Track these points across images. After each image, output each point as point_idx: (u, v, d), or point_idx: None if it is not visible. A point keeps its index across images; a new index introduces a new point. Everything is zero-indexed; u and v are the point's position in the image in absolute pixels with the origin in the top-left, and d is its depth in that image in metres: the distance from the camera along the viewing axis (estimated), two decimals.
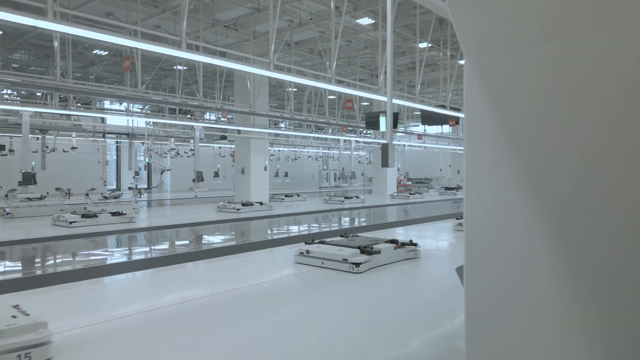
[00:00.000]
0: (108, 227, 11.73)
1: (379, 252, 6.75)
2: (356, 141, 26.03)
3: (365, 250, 6.80)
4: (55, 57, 10.69)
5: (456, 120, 15.69)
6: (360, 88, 11.34)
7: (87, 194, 14.73)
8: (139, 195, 16.43)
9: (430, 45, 17.50)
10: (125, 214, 12.79)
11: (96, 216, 12.27)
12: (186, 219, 14.17)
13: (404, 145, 29.44)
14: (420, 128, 32.83)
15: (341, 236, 8.35)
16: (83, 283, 6.12)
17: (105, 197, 17.56)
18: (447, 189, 29.13)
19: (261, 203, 16.76)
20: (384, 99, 12.06)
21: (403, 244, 7.46)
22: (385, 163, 5.56)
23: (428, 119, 16.14)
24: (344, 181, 24.49)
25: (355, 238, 7.96)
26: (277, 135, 27.61)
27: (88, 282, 6.21)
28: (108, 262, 7.86)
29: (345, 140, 25.03)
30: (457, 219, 11.61)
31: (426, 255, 7.80)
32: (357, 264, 6.45)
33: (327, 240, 7.64)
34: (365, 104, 27.67)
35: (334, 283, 6.04)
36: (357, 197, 20.73)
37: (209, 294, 5.49)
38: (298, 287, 5.95)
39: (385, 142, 5.26)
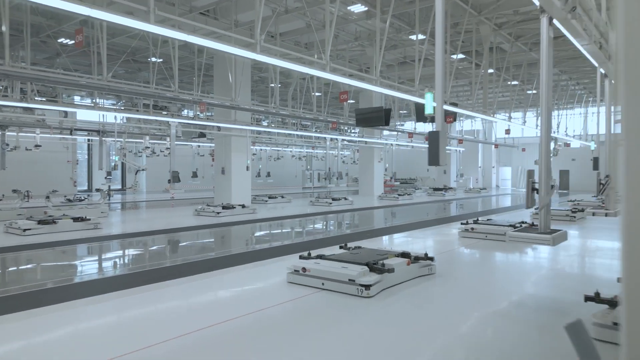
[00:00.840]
0: (69, 235, 10.24)
1: (391, 269, 5.52)
2: (343, 140, 24.85)
3: (375, 267, 5.56)
4: (3, 39, 9.19)
5: (454, 117, 14.58)
6: (358, 78, 10.14)
7: (47, 197, 13.14)
8: (107, 198, 14.90)
9: (428, 38, 16.43)
10: (89, 219, 11.29)
11: (55, 222, 10.75)
12: (159, 224, 12.72)
13: (392, 144, 28.38)
14: (407, 126, 31.89)
15: (341, 247, 7.10)
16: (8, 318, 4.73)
17: (70, 200, 15.94)
18: (435, 189, 28.17)
19: (243, 206, 15.40)
20: (388, 91, 10.87)
21: (417, 258, 6.25)
22: (434, 159, 4.18)
23: (423, 115, 14.98)
24: (329, 181, 23.26)
25: (359, 250, 6.71)
26: (259, 133, 26.22)
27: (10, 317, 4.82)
28: (45, 285, 6.42)
29: (331, 139, 23.82)
30: (462, 223, 10.48)
31: (442, 270, 6.60)
32: (367, 286, 5.21)
33: (327, 254, 6.36)
34: (351, 101, 26.51)
35: (340, 314, 4.78)
36: (346, 199, 19.52)
37: (163, 340, 4.01)
38: (292, 323, 4.59)
39: (435, 130, 3.93)
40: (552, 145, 27.34)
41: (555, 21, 5.23)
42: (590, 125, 33.61)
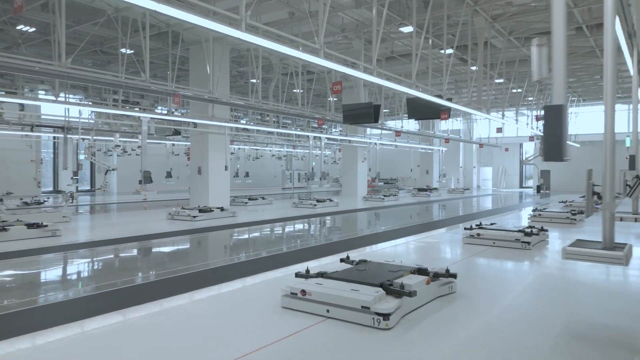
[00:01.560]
0: (20, 244, 8.88)
1: (413, 292, 4.46)
2: (326, 139, 23.78)
3: (392, 289, 4.50)
4: None
5: (448, 114, 13.70)
6: (354, 67, 9.07)
7: (0, 199, 11.66)
8: (71, 200, 13.47)
9: (416, 30, 15.51)
10: (46, 225, 9.91)
11: (5, 230, 9.35)
12: (125, 230, 11.36)
13: (375, 143, 27.47)
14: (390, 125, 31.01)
15: (342, 261, 6.01)
16: None
17: (26, 203, 14.41)
18: (419, 190, 27.37)
19: (222, 209, 14.16)
20: (387, 83, 9.85)
21: (436, 275, 5.22)
22: (555, 151, 2.95)
23: (416, 112, 14.07)
24: (311, 182, 22.20)
25: (366, 265, 5.63)
26: (238, 131, 24.93)
27: None
28: None
29: (315, 138, 22.75)
30: (466, 228, 9.54)
31: (462, 288, 5.58)
32: (386, 315, 4.14)
33: (329, 271, 5.26)
34: (334, 99, 25.43)
35: (356, 357, 3.70)
36: (331, 200, 18.46)
37: None
38: None
39: (555, 104, 2.79)
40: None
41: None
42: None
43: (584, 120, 34.64)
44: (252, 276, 6.46)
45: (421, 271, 5.25)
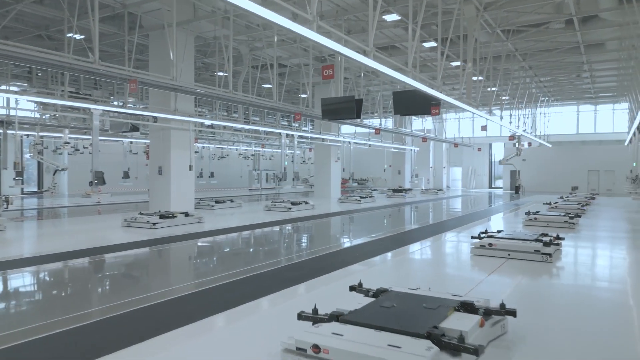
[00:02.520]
0: None
1: (480, 348, 3.09)
2: (298, 137, 22.30)
3: (446, 342, 3.11)
4: None
5: (439, 108, 12.50)
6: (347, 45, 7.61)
7: None
8: (5, 205, 11.44)
9: (402, 19, 14.28)
10: None
11: None
12: (67, 242, 9.46)
13: (349, 142, 26.22)
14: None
15: (353, 289, 4.56)
16: None
17: None
18: (394, 191, 26.28)
19: (187, 214, 12.44)
20: (385, 69, 8.50)
21: (488, 312, 3.86)
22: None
23: (404, 107, 12.83)
24: (284, 182, 20.72)
25: (390, 297, 4.19)
26: (203, 127, 23.09)
27: None
28: None
29: (287, 135, 21.26)
30: (474, 237, 8.32)
31: (510, 325, 4.25)
32: None
33: (344, 310, 3.80)
34: (303, 95, 24.00)
35: None
36: (306, 203, 17.01)
37: None
38: None
39: None
40: (516, 144, 26.38)
41: None
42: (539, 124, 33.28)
43: (555, 121, 34.59)
44: (234, 310, 4.92)
45: (467, 306, 3.89)
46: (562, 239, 8.30)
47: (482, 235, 8.29)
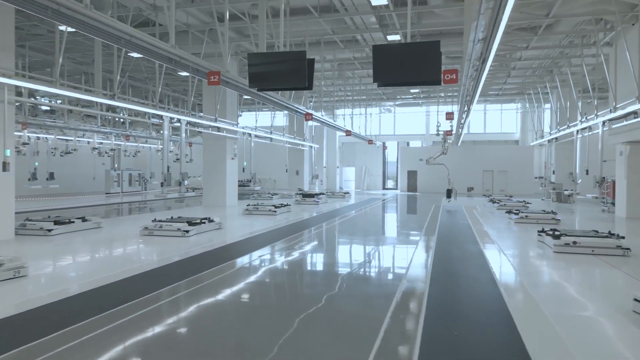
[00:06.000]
0: None
1: None
2: (182, 123, 15.97)
3: None
4: None
5: (456, 75, 7.77)
6: None
7: None
8: None
9: None
10: None
11: None
12: None
13: (249, 135, 20.56)
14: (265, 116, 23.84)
15: None
16: None
17: None
18: (304, 196, 21.34)
19: None
20: None
21: None
22: None
23: (389, 74, 7.79)
24: (170, 187, 14.73)
25: None
26: (35, 108, 15.50)
27: None
28: None
29: (174, 121, 15.05)
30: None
31: None
32: None
33: None
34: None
35: None
36: (210, 221, 11.10)
37: None
38: None
39: None
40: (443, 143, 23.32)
41: None
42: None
43: (445, 121, 33.14)
44: None
45: None
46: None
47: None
